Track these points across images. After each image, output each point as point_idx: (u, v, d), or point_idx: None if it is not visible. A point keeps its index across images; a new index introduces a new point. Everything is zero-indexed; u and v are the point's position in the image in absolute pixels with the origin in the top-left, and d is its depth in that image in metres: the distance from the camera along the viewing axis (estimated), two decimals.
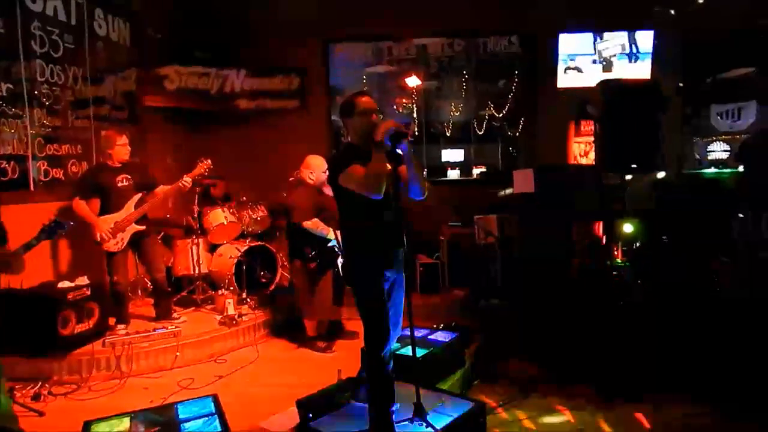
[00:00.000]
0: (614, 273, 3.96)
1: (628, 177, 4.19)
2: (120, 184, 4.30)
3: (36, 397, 3.44)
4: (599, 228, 4.37)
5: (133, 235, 4.34)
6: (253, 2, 6.56)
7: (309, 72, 6.74)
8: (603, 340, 3.67)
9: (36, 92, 4.41)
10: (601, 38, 6.18)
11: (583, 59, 6.21)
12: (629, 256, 3.98)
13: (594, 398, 3.47)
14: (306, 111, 6.77)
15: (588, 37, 6.19)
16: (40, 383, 3.60)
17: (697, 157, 6.56)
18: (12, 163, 4.16)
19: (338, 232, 3.93)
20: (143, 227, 4.38)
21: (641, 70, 6.05)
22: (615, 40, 6.15)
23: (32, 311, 3.77)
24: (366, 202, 2.45)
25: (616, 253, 4.02)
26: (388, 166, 2.49)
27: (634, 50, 6.10)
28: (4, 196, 3.90)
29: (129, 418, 2.66)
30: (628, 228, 3.94)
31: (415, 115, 7.44)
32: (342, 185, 2.53)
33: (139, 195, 4.38)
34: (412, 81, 6.93)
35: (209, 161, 4.58)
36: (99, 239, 4.20)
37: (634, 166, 3.93)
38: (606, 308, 3.80)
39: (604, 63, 6.18)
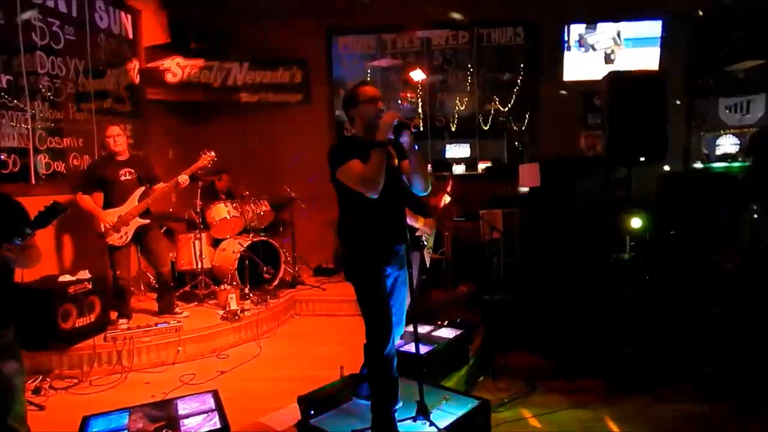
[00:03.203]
0: (621, 266, 3.90)
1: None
2: (123, 178, 4.30)
3: (36, 391, 3.43)
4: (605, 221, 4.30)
5: (137, 229, 4.32)
6: None
7: (311, 65, 6.68)
8: (610, 333, 3.63)
9: (37, 85, 4.37)
10: (594, 30, 6.10)
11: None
12: (637, 250, 3.91)
13: (601, 392, 3.44)
14: (309, 104, 6.72)
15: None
16: (40, 377, 3.60)
17: (705, 151, 6.46)
18: (13, 156, 4.13)
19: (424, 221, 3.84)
20: (147, 221, 4.36)
21: (648, 60, 5.96)
22: (606, 33, 6.07)
23: (33, 305, 3.73)
24: (365, 197, 2.41)
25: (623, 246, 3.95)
26: (395, 162, 2.43)
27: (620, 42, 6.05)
28: (5, 189, 3.86)
29: (129, 413, 2.62)
30: (636, 222, 3.86)
31: (419, 110, 7.35)
32: (339, 179, 2.48)
33: (143, 188, 4.37)
34: (417, 75, 6.85)
35: (212, 153, 4.57)
36: (103, 230, 4.18)
37: (641, 158, 3.86)
38: (613, 301, 3.74)
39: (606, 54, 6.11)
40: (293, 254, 5.82)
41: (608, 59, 6.12)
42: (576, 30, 6.17)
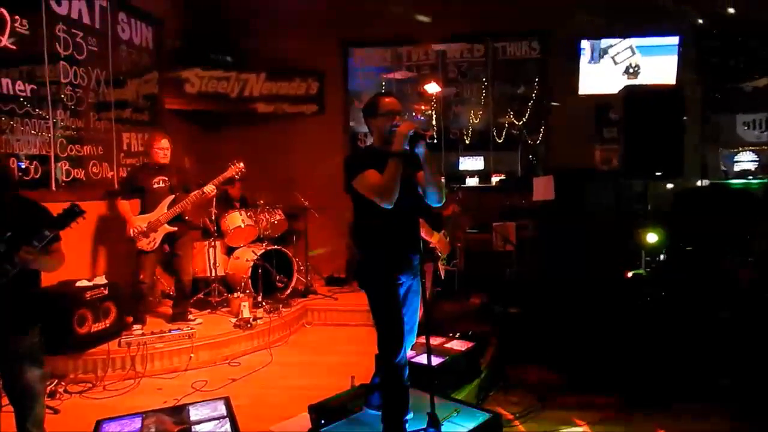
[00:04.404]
0: (637, 281, 3.86)
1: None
2: (156, 186, 4.46)
3: (51, 395, 3.46)
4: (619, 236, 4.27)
5: (166, 236, 4.42)
6: (271, 6, 6.60)
7: (327, 76, 6.75)
8: (625, 348, 3.58)
9: (59, 94, 4.48)
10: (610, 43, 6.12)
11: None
12: (652, 265, 3.88)
13: (614, 409, 3.38)
14: (323, 115, 6.78)
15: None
16: (55, 381, 3.63)
17: (724, 168, 6.39)
18: (35, 162, 4.22)
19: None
20: (175, 228, 4.45)
21: (666, 72, 5.93)
22: (622, 44, 6.07)
23: (50, 309, 3.78)
24: (380, 207, 2.42)
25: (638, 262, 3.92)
26: (411, 171, 2.45)
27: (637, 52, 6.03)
28: (27, 195, 3.94)
29: (141, 417, 2.65)
30: (652, 237, 3.84)
31: (434, 122, 7.38)
32: (355, 189, 2.50)
33: (172, 197, 4.49)
34: (432, 87, 6.88)
35: (242, 164, 4.66)
36: (132, 235, 4.30)
37: (658, 173, 3.83)
38: (628, 315, 3.70)
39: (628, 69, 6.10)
40: (306, 263, 5.85)
41: (625, 72, 6.10)
42: (591, 44, 6.17)
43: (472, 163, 8.09)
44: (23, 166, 4.11)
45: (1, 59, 3.87)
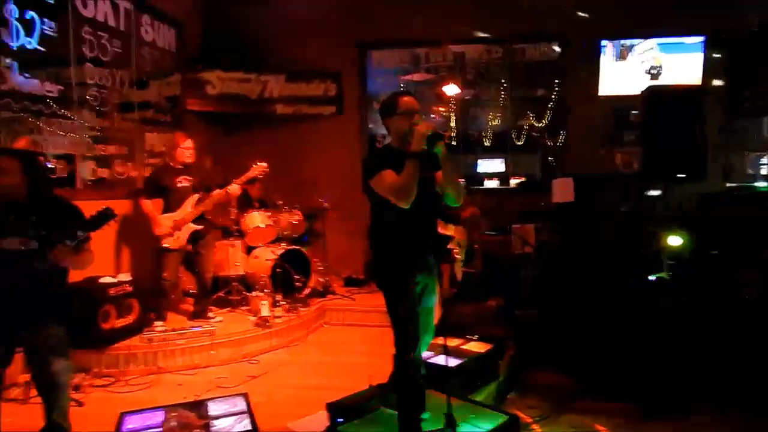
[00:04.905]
0: (659, 285, 3.80)
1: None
2: (179, 185, 4.54)
3: (76, 388, 3.53)
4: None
5: (191, 234, 4.50)
6: (289, 7, 6.66)
7: (345, 78, 6.79)
8: (645, 353, 3.53)
9: (85, 95, 4.58)
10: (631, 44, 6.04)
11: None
12: (675, 269, 3.82)
13: (634, 415, 3.33)
14: (341, 117, 6.82)
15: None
16: (80, 375, 3.71)
17: (750, 171, 6.25)
18: (62, 161, 4.33)
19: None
20: (200, 227, 4.54)
21: (691, 71, 5.83)
22: (644, 45, 5.99)
23: (75, 304, 3.86)
24: (397, 206, 2.44)
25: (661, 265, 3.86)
26: (429, 172, 2.46)
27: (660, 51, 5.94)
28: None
29: (163, 411, 2.70)
30: (674, 240, 3.77)
31: (452, 124, 7.37)
32: (372, 188, 2.52)
33: (197, 196, 4.57)
34: (451, 89, 6.85)
35: (264, 164, 4.73)
36: (158, 233, 4.39)
37: (680, 175, 3.78)
38: (648, 321, 3.65)
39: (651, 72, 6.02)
40: (324, 264, 5.88)
41: (647, 73, 6.02)
42: (612, 44, 6.11)
43: (490, 165, 8.06)
44: (51, 166, 4.22)
45: (31, 61, 3.97)
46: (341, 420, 2.77)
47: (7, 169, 2.39)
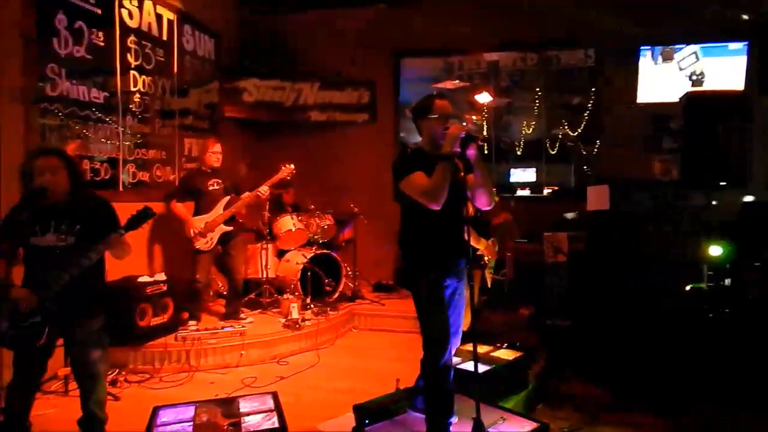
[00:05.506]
0: (696, 296, 3.68)
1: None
2: (211, 188, 4.66)
3: (113, 383, 3.67)
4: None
5: (222, 235, 4.61)
6: (324, 17, 6.78)
7: (378, 86, 6.85)
8: (684, 365, 3.41)
9: (129, 102, 4.77)
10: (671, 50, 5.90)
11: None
12: (715, 280, 3.69)
13: (671, 430, 3.22)
14: (374, 125, 6.88)
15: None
16: (117, 370, 3.84)
17: None
18: (105, 165, 4.51)
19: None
20: (231, 228, 4.64)
21: (733, 75, 5.64)
22: (685, 51, 5.83)
23: (113, 303, 4.01)
24: (427, 209, 2.44)
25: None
26: (461, 175, 2.45)
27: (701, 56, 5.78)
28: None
29: (195, 406, 2.76)
30: (715, 250, 3.65)
31: (485, 132, 7.32)
32: (402, 190, 2.53)
33: (228, 198, 4.69)
34: (483, 98, 6.82)
35: (292, 166, 4.83)
36: (191, 235, 4.50)
37: (721, 183, 3.66)
38: (687, 331, 3.53)
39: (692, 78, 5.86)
40: (354, 269, 5.92)
41: (689, 79, 5.85)
42: (652, 50, 5.97)
43: (523, 174, 7.94)
44: (96, 168, 4.40)
45: (79, 69, 4.17)
46: (368, 422, 2.77)
47: (55, 168, 2.52)
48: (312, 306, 5.06)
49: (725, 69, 5.69)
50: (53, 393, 3.52)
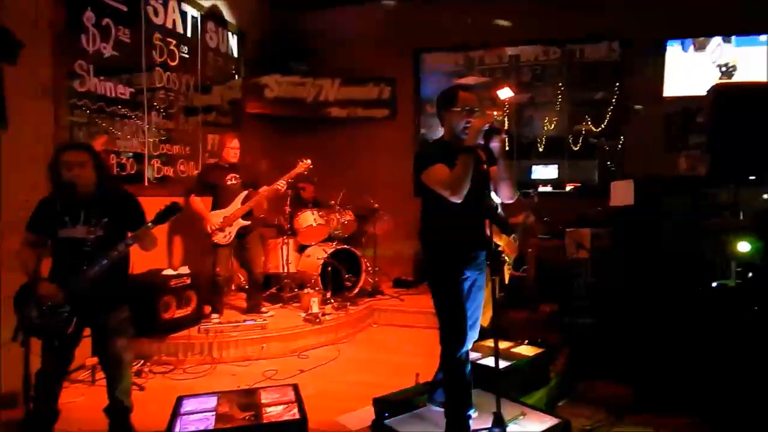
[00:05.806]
0: (723, 292, 3.59)
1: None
2: (229, 183, 4.70)
3: (138, 374, 3.74)
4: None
5: (240, 230, 4.66)
6: (346, 14, 6.80)
7: (399, 82, 6.84)
8: (712, 363, 3.32)
9: (154, 98, 4.85)
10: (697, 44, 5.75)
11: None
12: (744, 277, 3.59)
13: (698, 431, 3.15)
14: (394, 120, 6.88)
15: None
16: (142, 361, 3.92)
17: None
18: (131, 160, 4.60)
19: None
20: (249, 223, 4.69)
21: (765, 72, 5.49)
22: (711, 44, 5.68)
23: (138, 295, 4.08)
24: (449, 201, 2.43)
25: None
26: (484, 167, 2.43)
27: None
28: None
29: (217, 396, 2.81)
30: (744, 246, 3.55)
31: (506, 128, 7.24)
32: (424, 182, 2.52)
33: (246, 192, 4.73)
34: (504, 93, 6.74)
35: (309, 161, 4.86)
36: (210, 230, 4.55)
37: (751, 177, 3.56)
38: (713, 331, 3.44)
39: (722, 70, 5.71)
40: (374, 264, 5.93)
41: (719, 70, 5.71)
42: (680, 43, 5.84)
43: (545, 171, 7.83)
44: (122, 163, 4.49)
45: (106, 66, 4.26)
46: (387, 415, 2.78)
47: (83, 162, 2.59)
48: (332, 301, 5.09)
49: (757, 61, 5.53)
50: (81, 382, 3.61)
